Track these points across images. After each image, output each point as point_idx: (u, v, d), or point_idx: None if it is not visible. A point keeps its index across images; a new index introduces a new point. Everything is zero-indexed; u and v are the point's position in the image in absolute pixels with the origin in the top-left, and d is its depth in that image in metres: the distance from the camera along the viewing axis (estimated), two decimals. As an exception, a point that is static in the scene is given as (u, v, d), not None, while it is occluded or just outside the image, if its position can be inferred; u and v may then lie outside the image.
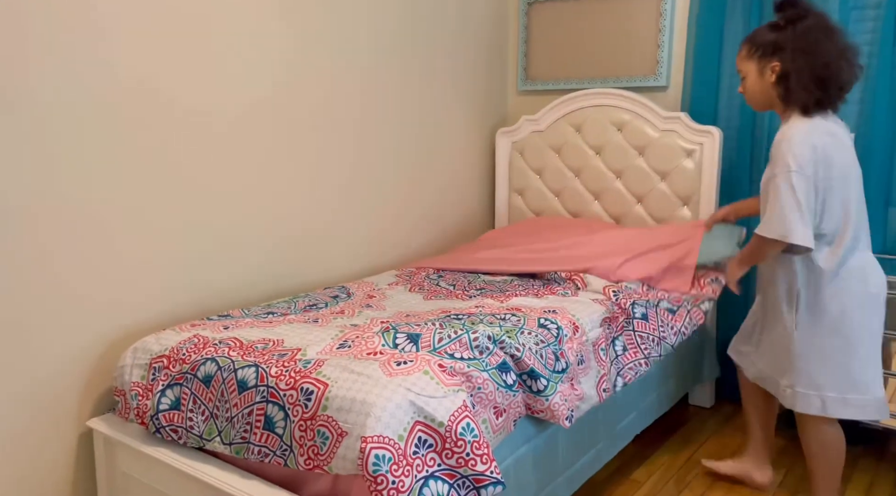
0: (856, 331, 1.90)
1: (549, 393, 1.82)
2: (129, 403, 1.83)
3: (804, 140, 1.83)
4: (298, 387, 1.56)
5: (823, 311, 1.91)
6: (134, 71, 1.97)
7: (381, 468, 1.39)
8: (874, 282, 1.91)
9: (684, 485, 2.33)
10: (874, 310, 1.92)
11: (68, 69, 1.82)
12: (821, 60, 1.84)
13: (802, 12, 1.88)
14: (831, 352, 1.91)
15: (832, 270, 1.89)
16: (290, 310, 2.15)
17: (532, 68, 3.44)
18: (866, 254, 1.94)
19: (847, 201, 1.88)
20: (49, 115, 1.79)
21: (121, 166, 1.97)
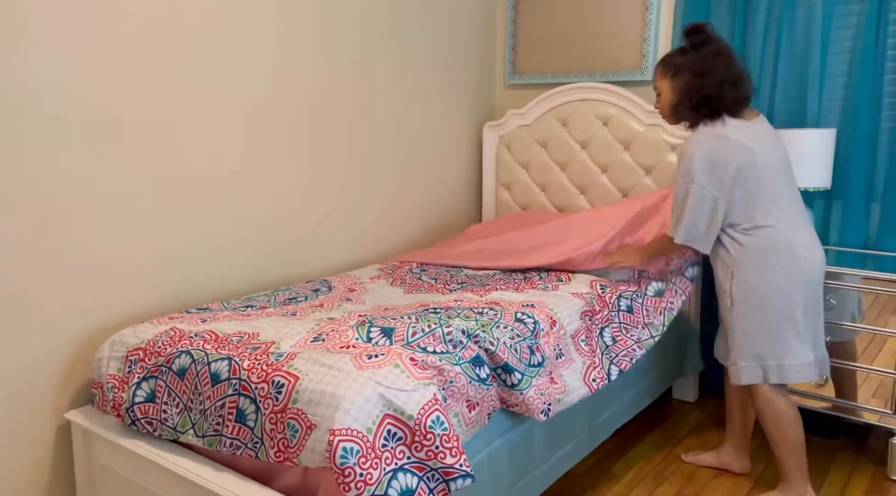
0: (785, 302, 2.02)
1: (524, 387, 1.82)
2: (105, 396, 1.84)
3: (697, 152, 2.04)
4: (270, 380, 1.57)
5: (754, 287, 2.04)
6: (116, 67, 1.97)
7: (349, 461, 1.40)
8: (803, 257, 2.02)
9: (663, 479, 2.35)
10: (804, 282, 2.03)
11: (43, 63, 1.82)
12: (712, 81, 2.04)
13: (705, 38, 2.08)
14: (765, 324, 2.04)
15: (758, 249, 2.03)
16: (270, 303, 2.16)
17: (520, 62, 3.43)
18: (795, 233, 2.03)
19: (760, 189, 2.02)
20: (33, 115, 1.79)
21: (103, 159, 1.97)
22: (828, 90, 2.65)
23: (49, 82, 1.84)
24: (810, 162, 2.51)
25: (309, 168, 2.62)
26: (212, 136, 2.26)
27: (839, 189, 2.66)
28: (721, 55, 2.06)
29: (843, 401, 2.43)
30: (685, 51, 2.12)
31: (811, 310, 2.06)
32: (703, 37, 2.08)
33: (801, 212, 2.09)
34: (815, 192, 2.72)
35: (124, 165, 2.03)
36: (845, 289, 2.38)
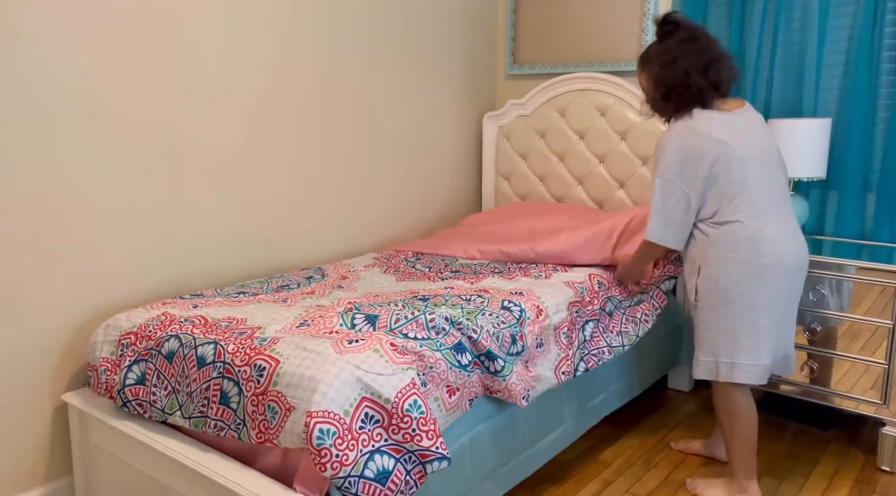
0: (744, 299, 1.98)
1: (506, 373, 1.85)
2: (99, 378, 1.90)
3: (669, 145, 2.01)
4: (252, 363, 1.61)
5: (715, 282, 2.02)
6: (115, 61, 2.01)
7: (325, 442, 1.44)
8: (767, 253, 1.96)
9: (651, 465, 2.37)
10: (768, 281, 1.98)
11: (46, 57, 1.87)
12: (676, 71, 2.00)
13: (673, 28, 2.04)
14: (722, 320, 2.02)
15: (722, 243, 1.99)
16: (262, 290, 2.20)
17: (520, 53, 3.44)
18: (763, 230, 1.97)
19: (731, 183, 1.98)
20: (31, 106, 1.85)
21: (104, 147, 2.02)
22: (824, 80, 2.63)
23: (46, 75, 1.89)
24: (806, 152, 2.51)
25: (307, 159, 2.65)
26: (210, 127, 2.30)
27: (835, 179, 2.65)
28: (687, 43, 2.00)
29: (835, 391, 2.42)
30: (656, 42, 2.09)
31: (776, 310, 2.00)
32: (671, 26, 2.04)
33: (779, 207, 2.02)
34: (811, 182, 2.71)
35: (123, 156, 2.08)
36: (839, 279, 2.37)
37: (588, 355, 2.20)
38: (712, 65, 2.01)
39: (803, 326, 2.44)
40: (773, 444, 2.52)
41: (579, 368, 2.16)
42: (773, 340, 2.02)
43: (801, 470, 2.34)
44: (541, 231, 2.71)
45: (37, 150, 1.89)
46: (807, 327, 2.44)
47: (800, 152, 2.50)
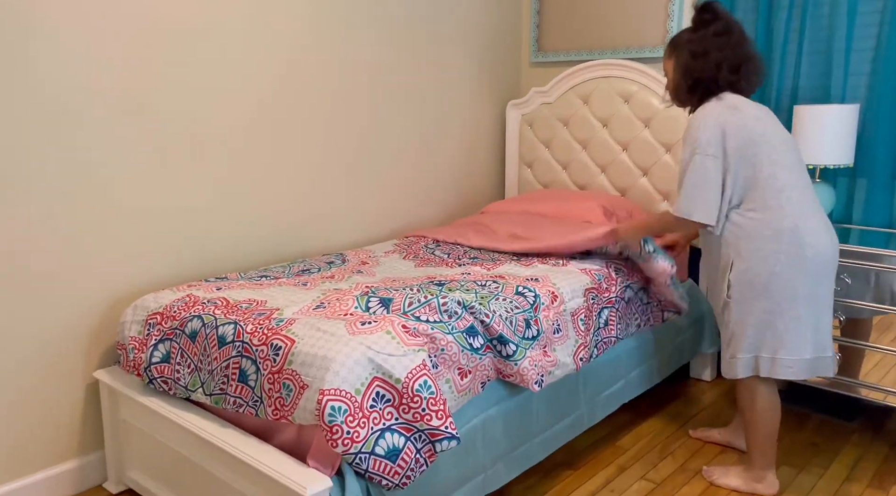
0: (786, 292, 1.93)
1: (518, 358, 1.88)
2: (128, 356, 1.98)
3: (705, 122, 1.94)
4: (269, 342, 1.67)
5: (755, 276, 1.95)
6: (141, 55, 2.08)
7: (336, 419, 1.49)
8: (810, 244, 1.92)
9: (668, 453, 2.37)
10: (809, 273, 1.93)
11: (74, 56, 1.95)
12: (707, 63, 1.99)
13: (711, 17, 2.01)
14: (761, 315, 1.97)
15: (761, 234, 1.93)
16: (284, 274, 2.26)
17: (545, 40, 3.43)
18: (804, 219, 1.93)
19: (772, 164, 1.92)
20: (61, 99, 1.93)
21: (132, 140, 2.10)
22: (853, 65, 2.58)
23: (71, 73, 1.96)
24: (833, 139, 2.46)
25: (331, 147, 2.70)
26: (232, 115, 2.37)
27: (863, 166, 2.59)
28: (722, 36, 1.98)
29: (861, 382, 2.39)
30: (690, 30, 2.06)
31: (818, 303, 1.96)
32: (710, 15, 2.01)
33: (812, 198, 1.98)
34: (838, 170, 2.66)
35: (151, 147, 2.15)
36: (867, 269, 2.33)
37: (601, 342, 2.22)
38: (744, 63, 1.99)
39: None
40: (794, 434, 2.50)
41: (594, 354, 2.17)
42: (814, 334, 1.96)
43: (821, 460, 2.32)
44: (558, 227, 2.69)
45: (67, 142, 1.98)
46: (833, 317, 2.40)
47: (827, 139, 2.46)
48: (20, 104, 1.87)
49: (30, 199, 1.92)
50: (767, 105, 2.78)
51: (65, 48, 1.93)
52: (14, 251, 1.90)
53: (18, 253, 1.91)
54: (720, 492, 2.13)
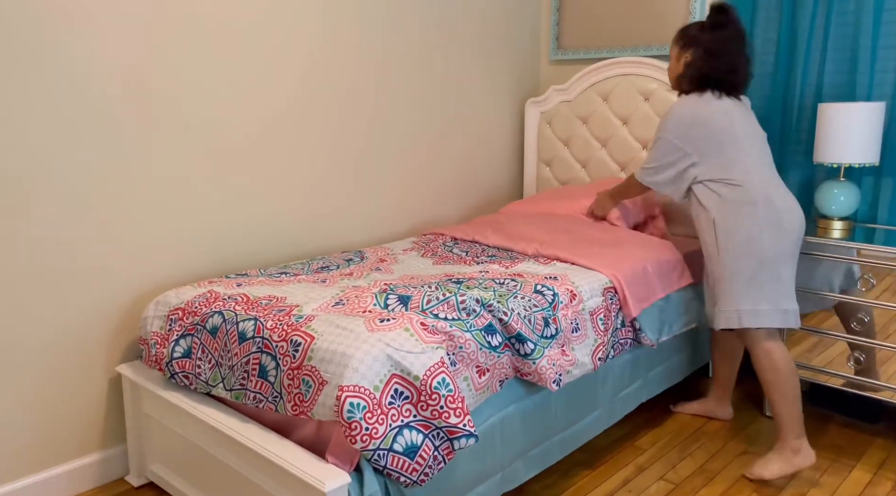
0: (766, 251, 2.12)
1: (537, 356, 1.87)
2: (150, 351, 2.01)
3: (679, 112, 2.22)
4: (289, 339, 1.68)
5: (735, 234, 2.15)
6: (165, 51, 2.11)
7: (355, 415, 1.50)
8: (783, 208, 2.14)
9: (687, 453, 2.35)
10: (784, 237, 2.13)
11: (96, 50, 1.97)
12: (721, 64, 2.19)
13: (725, 21, 2.20)
14: (744, 271, 2.15)
15: (738, 202, 2.15)
16: (303, 270, 2.28)
17: (564, 38, 3.42)
18: (772, 188, 2.16)
19: (738, 150, 2.17)
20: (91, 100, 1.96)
21: (155, 138, 2.12)
22: (880, 62, 2.53)
23: (100, 63, 1.99)
24: (858, 137, 2.42)
25: (349, 144, 2.71)
26: (253, 113, 2.38)
27: (889, 165, 2.55)
28: (736, 41, 2.19)
29: (884, 385, 2.35)
30: (704, 27, 2.23)
31: (793, 262, 2.16)
32: (725, 17, 2.19)
33: (778, 178, 2.22)
34: (863, 169, 2.62)
35: (174, 143, 2.18)
36: (892, 269, 2.30)
37: (617, 343, 2.20)
38: (744, 67, 2.22)
39: (851, 316, 2.38)
40: (817, 436, 2.47)
41: (610, 354, 2.16)
42: (789, 290, 2.15)
43: (844, 463, 2.29)
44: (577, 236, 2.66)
45: (94, 143, 2.00)
46: (855, 317, 2.37)
47: (852, 137, 2.42)
48: (53, 106, 1.90)
49: (55, 199, 1.95)
50: (791, 103, 2.75)
51: (98, 47, 1.96)
52: (39, 249, 1.94)
53: (44, 251, 1.95)
54: (741, 494, 2.11)
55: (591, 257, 2.37)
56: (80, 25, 1.94)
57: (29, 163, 1.89)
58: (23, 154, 1.87)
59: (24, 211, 1.90)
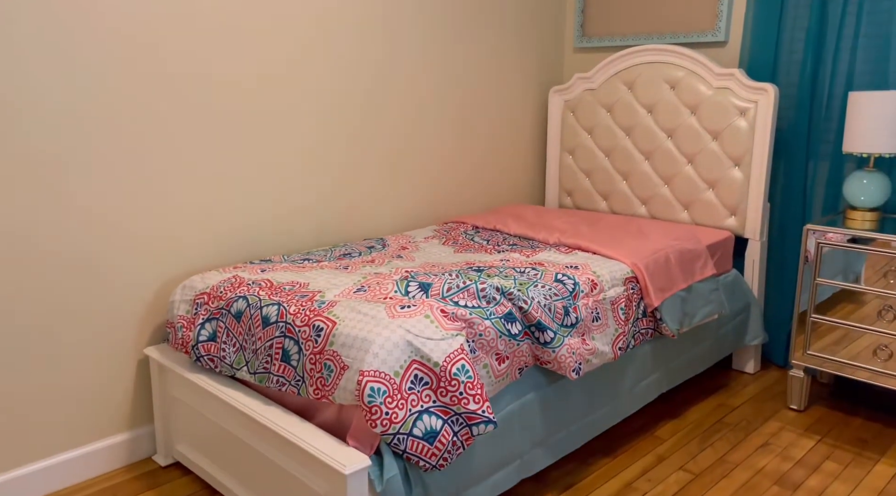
0: None
1: (556, 345, 1.88)
2: (176, 334, 2.05)
3: None
4: (311, 324, 1.70)
5: None
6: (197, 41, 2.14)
7: (375, 399, 1.52)
8: None
9: (707, 444, 2.34)
10: None
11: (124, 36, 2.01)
12: None
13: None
14: None
15: None
16: (326, 257, 2.31)
17: (589, 25, 3.38)
18: None
19: None
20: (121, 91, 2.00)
21: (183, 127, 2.16)
22: (914, 49, 2.47)
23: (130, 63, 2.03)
24: (888, 126, 2.37)
25: (372, 133, 2.73)
26: (278, 107, 2.41)
27: (921, 155, 2.50)
28: None
29: (909, 379, 2.32)
30: None
31: None
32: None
33: None
34: (893, 159, 2.56)
35: (206, 135, 2.21)
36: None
37: (637, 333, 2.20)
38: None
39: (880, 309, 2.34)
40: (840, 430, 2.44)
41: (630, 344, 2.16)
42: None
43: (868, 456, 2.27)
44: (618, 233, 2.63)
45: (122, 131, 2.04)
46: (882, 310, 2.33)
47: (883, 127, 2.37)
48: (76, 94, 1.94)
49: (88, 186, 1.99)
50: (820, 91, 2.70)
51: (121, 39, 2.00)
52: (72, 234, 1.99)
53: (77, 236, 1.99)
54: (761, 485, 2.10)
55: (613, 246, 2.36)
56: (98, 22, 1.97)
57: (64, 146, 1.93)
58: (59, 137, 1.92)
59: (56, 195, 1.94)
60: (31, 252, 1.93)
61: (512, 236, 2.66)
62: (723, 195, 2.87)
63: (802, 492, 2.07)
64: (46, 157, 1.91)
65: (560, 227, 2.67)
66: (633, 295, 2.22)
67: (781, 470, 2.18)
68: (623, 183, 3.21)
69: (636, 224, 2.78)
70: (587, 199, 3.35)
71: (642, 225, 2.77)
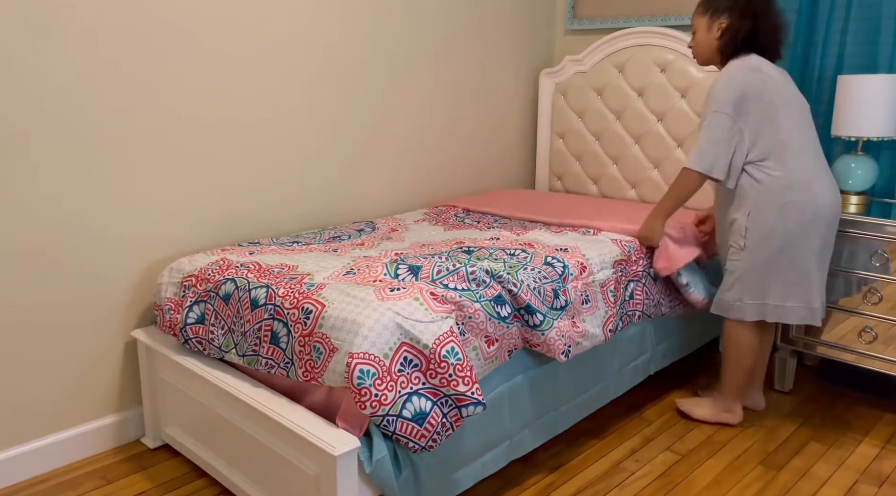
0: (799, 248, 2.08)
1: (546, 328, 1.89)
2: (164, 317, 2.04)
3: (728, 82, 2.05)
4: (300, 306, 1.70)
5: (770, 230, 2.08)
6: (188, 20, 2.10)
7: (365, 382, 1.52)
8: (825, 205, 2.06)
9: (694, 425, 2.37)
10: (820, 230, 2.08)
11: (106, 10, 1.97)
12: (763, 24, 2.09)
13: None
14: (773, 266, 2.10)
15: (778, 188, 2.06)
16: (315, 240, 2.29)
17: (581, 6, 3.36)
18: (817, 179, 2.06)
19: (790, 127, 2.05)
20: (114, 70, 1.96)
21: (168, 102, 2.13)
22: (904, 33, 2.47)
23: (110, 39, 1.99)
24: (878, 110, 2.38)
25: (361, 115, 2.70)
26: (270, 84, 2.38)
27: (909, 139, 2.51)
28: (770, 2, 2.11)
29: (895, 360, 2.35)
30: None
31: (824, 254, 2.11)
32: None
33: (824, 161, 2.12)
34: (882, 142, 2.57)
35: (189, 115, 2.18)
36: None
37: (626, 315, 2.21)
38: (783, 29, 2.14)
39: (864, 291, 2.36)
40: (825, 411, 2.47)
41: (619, 326, 2.17)
42: (820, 286, 2.12)
43: (852, 436, 2.30)
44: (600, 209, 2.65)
45: (110, 110, 2.01)
46: (867, 293, 2.35)
47: (872, 110, 2.38)
48: (67, 70, 1.91)
49: (70, 165, 1.97)
50: (810, 74, 2.70)
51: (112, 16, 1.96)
52: (57, 215, 1.96)
53: (61, 217, 1.97)
54: (747, 465, 2.13)
55: (619, 221, 2.41)
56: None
57: (44, 128, 1.90)
58: (38, 119, 1.89)
59: (41, 177, 1.92)
60: (16, 235, 1.90)
61: (503, 217, 2.66)
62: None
63: (787, 472, 2.09)
64: (27, 131, 1.88)
65: (554, 209, 2.67)
66: (622, 277, 2.22)
67: (767, 450, 2.21)
68: (613, 166, 3.21)
69: (634, 206, 2.79)
70: (577, 182, 3.34)
71: (636, 206, 2.77)
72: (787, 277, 2.10)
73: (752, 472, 2.09)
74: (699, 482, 2.04)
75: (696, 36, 2.20)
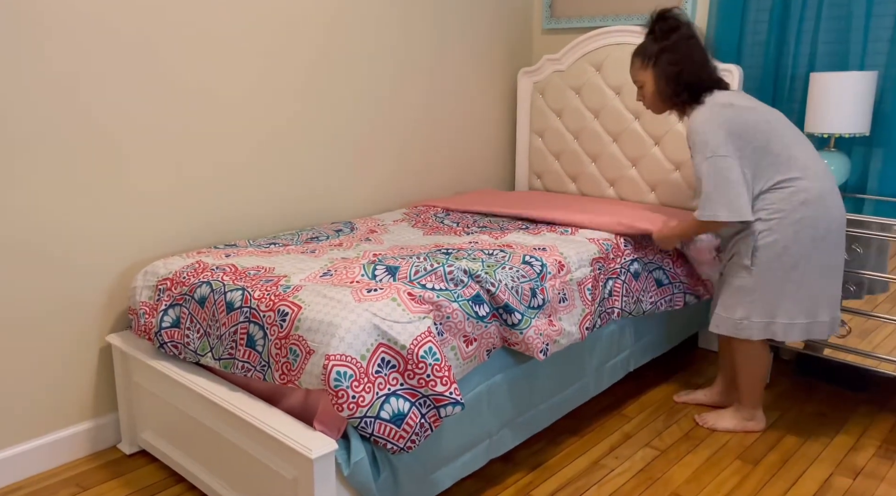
0: (812, 263, 2.06)
1: (524, 326, 1.89)
2: (139, 321, 2.02)
3: (707, 125, 2.03)
4: (276, 308, 1.68)
5: (783, 248, 2.05)
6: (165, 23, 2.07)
7: (342, 384, 1.51)
8: (836, 218, 2.06)
9: (673, 421, 2.39)
10: (831, 241, 2.06)
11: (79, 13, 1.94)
12: (691, 66, 2.09)
13: (674, 23, 2.12)
14: (785, 284, 2.08)
15: (790, 204, 2.03)
16: (293, 241, 2.28)
17: (558, 5, 3.37)
18: (828, 191, 2.05)
19: (783, 146, 2.03)
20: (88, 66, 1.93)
21: (144, 107, 2.10)
22: (873, 31, 2.51)
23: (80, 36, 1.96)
24: (850, 107, 2.41)
25: (339, 115, 2.69)
26: (243, 86, 2.36)
27: (880, 136, 2.55)
28: (693, 38, 2.11)
29: (871, 354, 2.38)
30: (656, 38, 2.14)
31: (833, 268, 2.09)
32: (673, 21, 2.11)
33: (826, 167, 2.10)
34: (853, 139, 2.61)
35: (169, 115, 2.16)
36: (881, 240, 2.31)
37: (604, 312, 2.22)
38: (711, 59, 2.15)
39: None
40: (801, 405, 2.50)
41: (597, 323, 2.18)
42: (829, 299, 2.11)
43: (828, 429, 2.33)
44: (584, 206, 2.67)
45: (80, 110, 1.98)
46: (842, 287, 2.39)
47: (843, 107, 2.41)
48: (34, 70, 1.87)
49: (45, 167, 1.93)
50: (783, 72, 2.73)
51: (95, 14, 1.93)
52: (30, 218, 1.93)
53: (35, 220, 1.94)
54: (725, 460, 2.15)
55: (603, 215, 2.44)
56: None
57: (19, 133, 1.87)
58: (14, 123, 1.85)
59: (14, 181, 1.88)
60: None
61: (483, 216, 2.67)
62: (689, 176, 2.90)
63: (763, 466, 2.12)
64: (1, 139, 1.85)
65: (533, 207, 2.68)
66: (600, 275, 2.23)
67: (744, 444, 2.24)
68: (592, 165, 3.22)
69: (610, 202, 2.80)
70: (556, 181, 3.35)
71: (616, 203, 2.79)
72: (798, 294, 2.07)
73: (730, 467, 2.11)
74: (678, 477, 2.06)
75: (645, 89, 2.19)
